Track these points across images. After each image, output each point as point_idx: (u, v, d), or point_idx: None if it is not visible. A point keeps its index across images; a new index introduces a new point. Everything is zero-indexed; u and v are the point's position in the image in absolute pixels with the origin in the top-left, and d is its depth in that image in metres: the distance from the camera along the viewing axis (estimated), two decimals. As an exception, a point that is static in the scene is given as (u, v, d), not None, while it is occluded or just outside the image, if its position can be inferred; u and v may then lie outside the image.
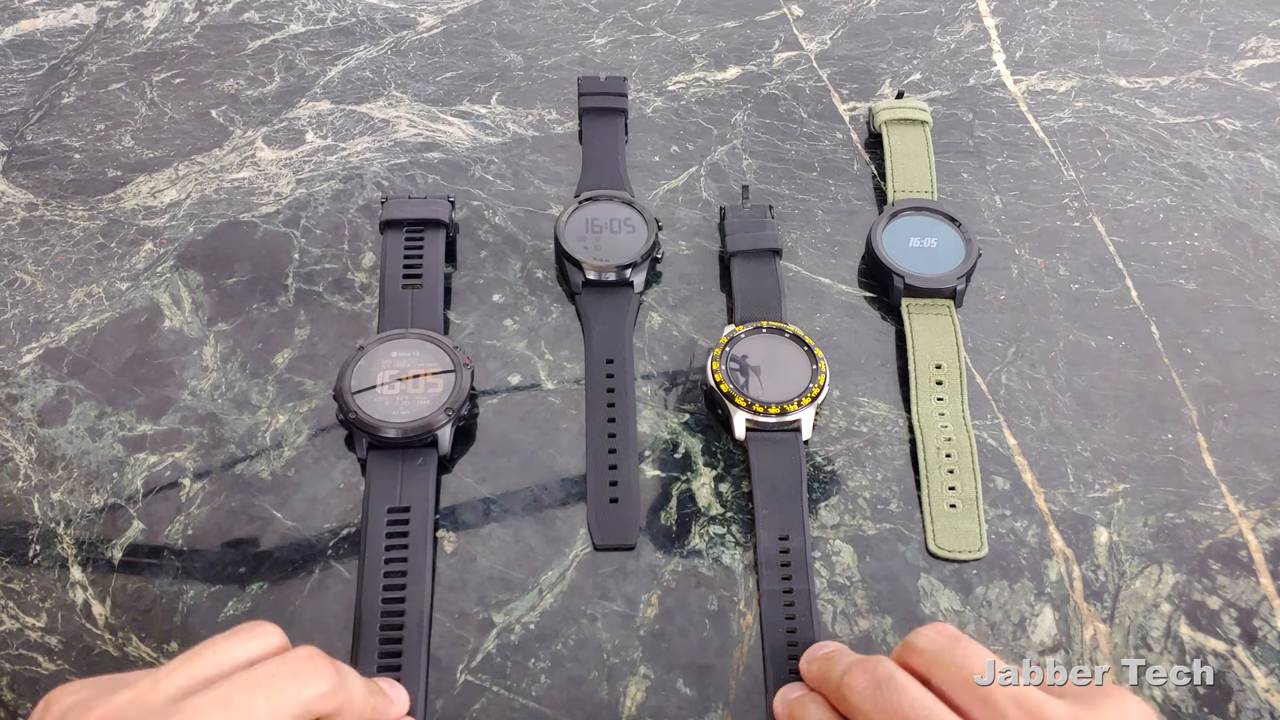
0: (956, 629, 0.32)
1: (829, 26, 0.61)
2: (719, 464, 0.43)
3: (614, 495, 0.41)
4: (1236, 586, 0.39)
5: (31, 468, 0.42)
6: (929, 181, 0.51)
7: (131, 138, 0.54)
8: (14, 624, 0.38)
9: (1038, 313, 0.48)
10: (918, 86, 0.58)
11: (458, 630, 0.38)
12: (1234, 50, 0.60)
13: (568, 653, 0.38)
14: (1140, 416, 0.44)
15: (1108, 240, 0.51)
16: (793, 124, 0.55)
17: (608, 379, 0.44)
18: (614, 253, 0.46)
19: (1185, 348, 0.47)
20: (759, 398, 0.42)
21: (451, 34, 0.60)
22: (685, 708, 0.36)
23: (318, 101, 0.56)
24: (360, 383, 0.41)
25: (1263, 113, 0.56)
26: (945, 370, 0.45)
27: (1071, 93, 0.58)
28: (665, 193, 0.52)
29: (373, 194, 0.51)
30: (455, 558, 0.40)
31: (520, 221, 0.50)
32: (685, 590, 0.39)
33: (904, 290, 0.46)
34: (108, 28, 0.60)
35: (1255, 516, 0.41)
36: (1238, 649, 0.38)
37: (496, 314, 0.47)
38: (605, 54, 0.59)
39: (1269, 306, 0.48)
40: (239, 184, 0.52)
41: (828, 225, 0.51)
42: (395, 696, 0.35)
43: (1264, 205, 0.52)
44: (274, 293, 0.47)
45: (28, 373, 0.45)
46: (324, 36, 0.60)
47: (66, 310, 0.47)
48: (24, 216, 0.51)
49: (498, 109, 0.56)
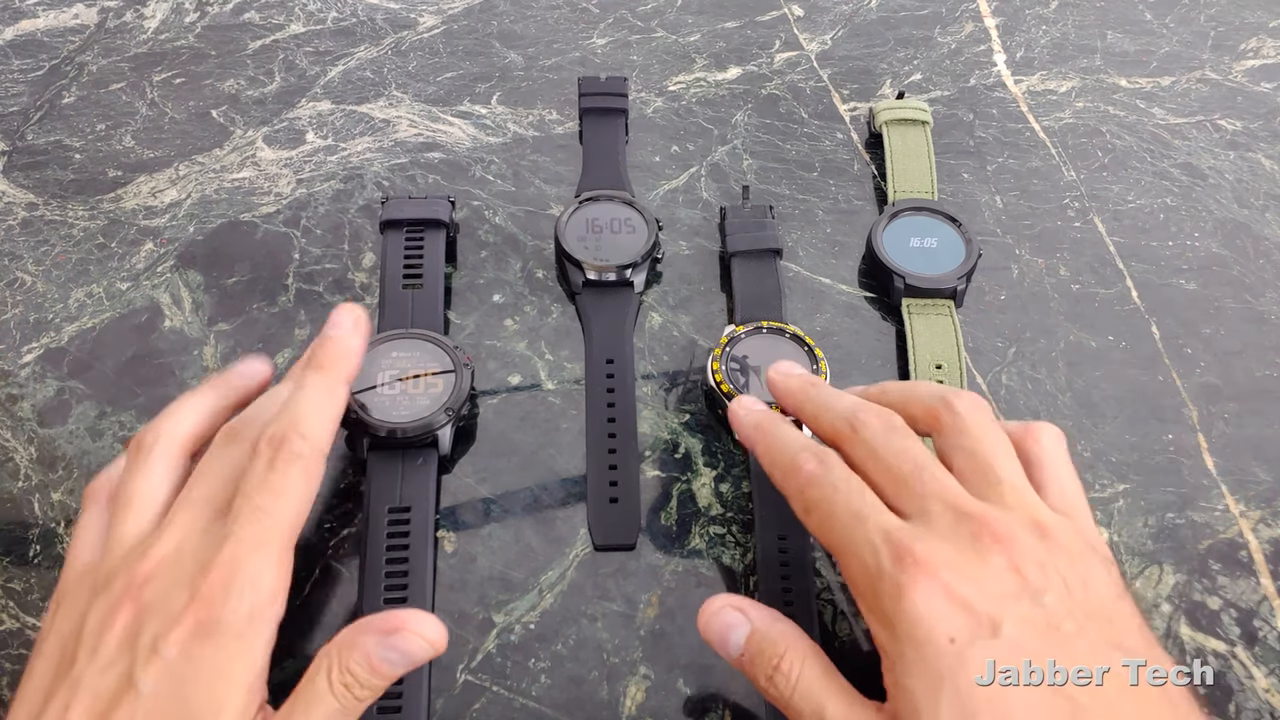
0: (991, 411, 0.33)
1: (829, 27, 0.61)
2: (719, 464, 0.43)
3: (614, 495, 0.41)
4: (1237, 587, 0.39)
5: (32, 467, 0.42)
6: (929, 182, 0.51)
7: (132, 138, 0.54)
8: (14, 623, 0.38)
9: (1038, 313, 0.48)
10: (918, 87, 0.58)
11: (458, 630, 0.38)
12: (1235, 50, 0.60)
13: (568, 653, 0.38)
14: (1140, 417, 0.44)
15: (1108, 240, 0.51)
16: (793, 124, 0.55)
17: (608, 379, 0.44)
18: (614, 253, 0.46)
19: (1186, 348, 0.47)
20: (759, 398, 0.42)
21: (452, 34, 0.60)
22: (685, 708, 0.36)
23: (318, 102, 0.56)
24: (360, 383, 0.41)
25: (1263, 113, 0.56)
26: (946, 370, 0.45)
27: (1072, 93, 0.58)
28: (665, 193, 0.52)
29: (373, 194, 0.51)
30: (455, 558, 0.40)
31: (520, 221, 0.51)
32: (685, 590, 0.39)
33: (904, 290, 0.46)
34: (108, 28, 0.60)
35: (1256, 517, 0.41)
36: (1238, 649, 0.38)
37: (497, 314, 0.47)
38: (606, 54, 0.59)
39: (1269, 307, 0.48)
40: (239, 184, 0.52)
41: (828, 225, 0.51)
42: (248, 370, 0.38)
43: (1264, 205, 0.52)
44: (274, 293, 0.47)
45: (28, 372, 0.45)
46: (324, 37, 0.60)
47: (67, 310, 0.47)
48: (24, 216, 0.51)
49: (498, 109, 0.56)
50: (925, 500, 0.30)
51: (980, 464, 0.32)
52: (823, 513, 0.31)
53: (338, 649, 0.30)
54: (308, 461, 0.32)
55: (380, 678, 0.30)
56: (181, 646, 0.28)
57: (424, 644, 0.30)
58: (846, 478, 0.32)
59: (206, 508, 0.31)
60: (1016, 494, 0.31)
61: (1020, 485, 0.31)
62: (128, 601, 0.29)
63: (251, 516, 0.30)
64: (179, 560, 0.30)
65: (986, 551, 0.28)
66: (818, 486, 0.32)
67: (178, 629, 0.28)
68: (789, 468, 0.33)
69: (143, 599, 0.29)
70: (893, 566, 0.28)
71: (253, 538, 0.30)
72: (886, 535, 0.29)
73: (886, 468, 0.32)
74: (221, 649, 0.28)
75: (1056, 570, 0.28)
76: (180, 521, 0.31)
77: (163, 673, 0.28)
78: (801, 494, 0.32)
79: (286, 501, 0.31)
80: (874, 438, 0.33)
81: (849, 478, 0.32)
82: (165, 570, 0.30)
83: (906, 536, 0.29)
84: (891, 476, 0.31)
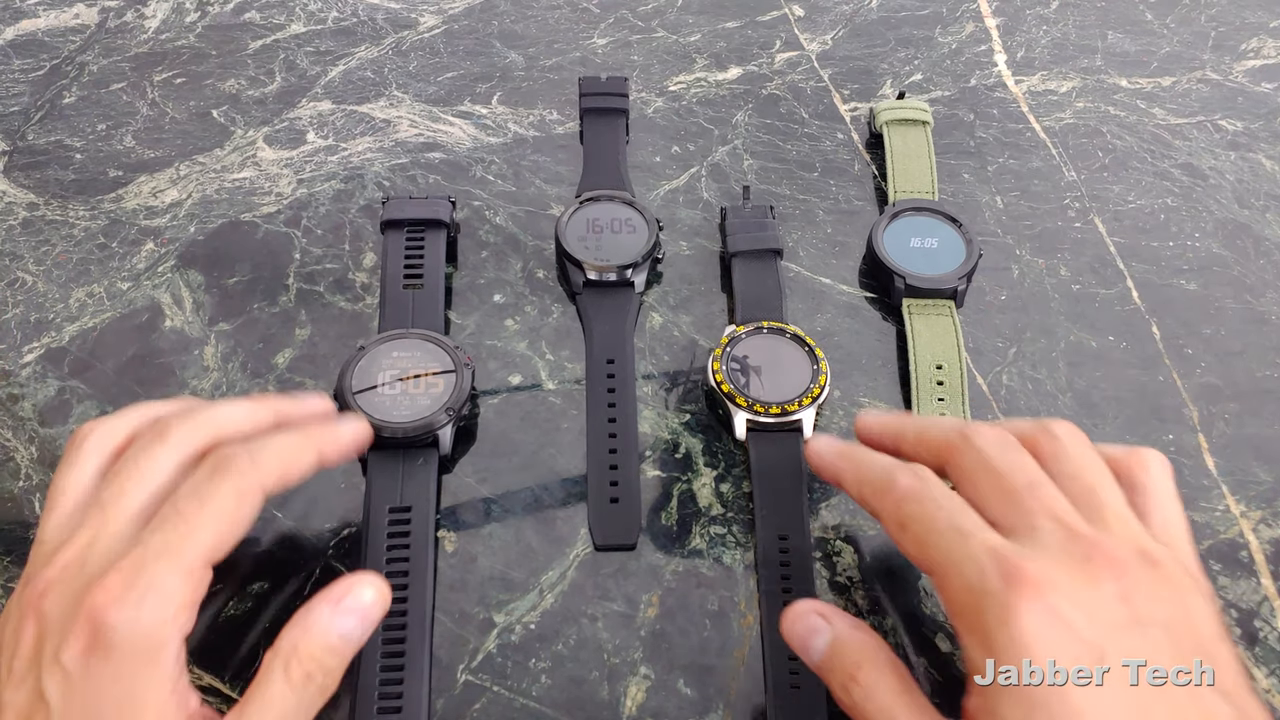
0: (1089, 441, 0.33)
1: (830, 27, 0.61)
2: (720, 464, 0.43)
3: (614, 495, 0.41)
4: (1237, 587, 0.39)
5: (32, 467, 0.42)
6: (930, 182, 0.51)
7: (133, 138, 0.54)
8: (15, 623, 0.38)
9: (1039, 313, 0.48)
10: (919, 87, 0.58)
11: (458, 630, 0.38)
12: (1235, 51, 0.60)
13: (568, 653, 0.38)
14: (1141, 417, 0.44)
15: (1109, 241, 0.51)
16: (794, 124, 0.55)
17: (608, 379, 0.44)
18: (615, 253, 0.46)
19: (1186, 348, 0.47)
20: (760, 398, 0.42)
21: (452, 34, 0.60)
22: (686, 708, 0.36)
23: (319, 101, 0.56)
24: (361, 383, 0.41)
25: (1264, 113, 0.56)
26: (946, 371, 0.45)
27: (1073, 93, 0.58)
28: (666, 193, 0.52)
29: (374, 194, 0.51)
30: (456, 558, 0.40)
31: (521, 222, 0.51)
32: (686, 590, 0.39)
33: (905, 291, 0.46)
34: (109, 28, 0.60)
35: (1256, 517, 0.41)
36: (1239, 650, 0.38)
37: (497, 314, 0.47)
38: (606, 54, 0.59)
39: (1270, 307, 0.48)
40: (240, 184, 0.52)
41: (828, 225, 0.51)
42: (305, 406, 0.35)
43: (1265, 206, 0.52)
44: (275, 293, 0.48)
45: (29, 372, 0.45)
46: (325, 37, 0.60)
47: (67, 310, 0.47)
48: (25, 216, 0.51)
49: (499, 109, 0.56)
50: (1035, 516, 0.29)
51: (1084, 488, 0.30)
52: (922, 527, 0.30)
53: (290, 642, 0.29)
54: (247, 487, 0.30)
55: (339, 656, 0.30)
56: (79, 660, 0.27)
57: (374, 594, 0.31)
58: (947, 493, 0.31)
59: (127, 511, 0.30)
60: (1121, 521, 0.30)
61: (1124, 513, 0.30)
62: (31, 612, 0.28)
63: (171, 523, 0.29)
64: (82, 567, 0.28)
65: (1098, 576, 0.27)
66: (916, 501, 0.31)
67: (72, 641, 0.27)
68: (882, 485, 0.32)
69: (42, 609, 0.28)
70: (1001, 585, 0.27)
71: (162, 545, 0.28)
72: (993, 552, 0.28)
73: (999, 480, 0.30)
74: (121, 663, 0.27)
75: (1163, 603, 0.27)
76: (92, 524, 0.30)
77: (67, 686, 0.27)
78: (898, 509, 0.31)
79: (212, 516, 0.29)
80: (988, 446, 0.31)
81: (949, 494, 0.31)
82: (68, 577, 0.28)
83: (1015, 555, 0.27)
84: (1003, 489, 0.30)
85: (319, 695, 0.29)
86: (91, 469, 0.32)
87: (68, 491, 0.31)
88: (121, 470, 0.31)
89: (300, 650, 0.29)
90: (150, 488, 0.30)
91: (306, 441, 0.33)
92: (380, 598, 0.31)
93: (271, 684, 0.28)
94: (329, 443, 0.34)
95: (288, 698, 0.28)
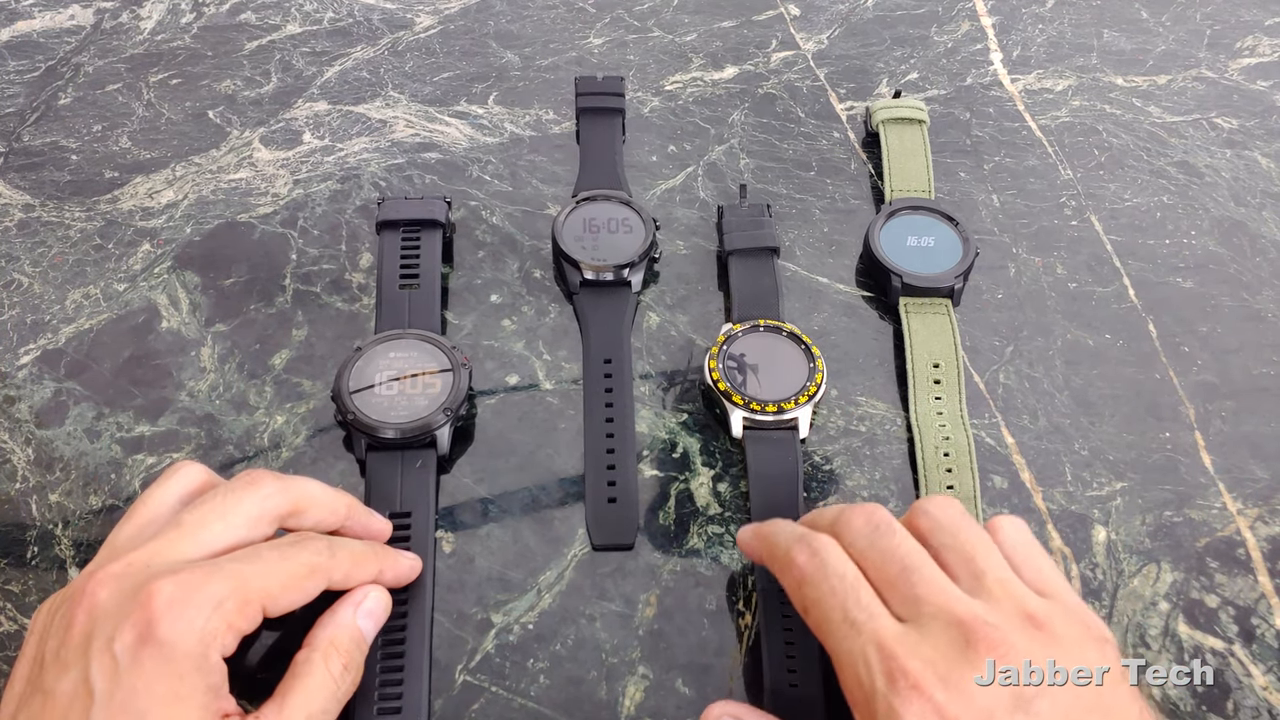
0: (963, 508, 0.33)
1: (826, 26, 0.61)
2: (717, 463, 0.43)
3: (612, 495, 0.41)
4: (1234, 585, 0.40)
5: (29, 469, 0.42)
6: (926, 181, 0.51)
7: (128, 139, 0.54)
8: (12, 625, 0.38)
9: (1035, 311, 0.48)
10: (915, 86, 0.58)
11: (456, 630, 0.38)
12: (1231, 49, 0.60)
13: (566, 653, 0.38)
14: (1138, 415, 0.44)
15: (1105, 239, 0.51)
16: (790, 123, 0.56)
17: (606, 379, 0.44)
18: (612, 252, 0.46)
19: (1183, 346, 0.47)
20: (756, 396, 0.42)
21: (448, 34, 0.60)
22: (684, 708, 0.36)
23: (315, 102, 0.56)
24: (358, 383, 0.41)
25: (1259, 111, 0.56)
26: (943, 369, 0.45)
27: (1068, 91, 0.58)
28: (663, 192, 0.52)
29: (370, 194, 0.51)
30: (454, 558, 0.40)
31: (518, 221, 0.50)
32: (684, 590, 0.39)
33: (901, 289, 0.46)
34: (104, 29, 0.60)
35: (1253, 514, 0.41)
36: (1236, 647, 0.38)
37: (494, 314, 0.47)
38: (602, 54, 0.59)
39: (1266, 305, 0.48)
40: (236, 185, 0.52)
41: (825, 224, 0.51)
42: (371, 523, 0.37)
43: (1261, 204, 0.52)
44: (271, 293, 0.47)
45: (25, 374, 0.45)
46: (321, 37, 0.60)
47: (64, 311, 0.47)
48: (21, 218, 0.51)
49: (495, 109, 0.56)
50: (918, 604, 0.30)
51: (963, 558, 0.31)
52: (820, 614, 0.31)
53: (327, 637, 0.31)
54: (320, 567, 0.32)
55: (364, 652, 0.33)
56: (130, 650, 0.27)
57: (384, 599, 0.34)
58: (841, 574, 0.31)
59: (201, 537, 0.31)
60: (1002, 585, 0.30)
61: (1004, 575, 0.31)
62: (84, 601, 0.29)
63: (249, 559, 0.30)
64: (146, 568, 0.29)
65: (980, 660, 0.28)
66: (812, 585, 0.31)
67: (126, 630, 0.28)
68: (784, 564, 0.33)
69: (98, 598, 0.29)
70: (886, 686, 0.28)
71: (234, 570, 0.30)
72: (880, 648, 0.29)
73: (875, 570, 0.31)
74: (170, 660, 0.27)
75: (1051, 670, 0.28)
76: (166, 538, 0.31)
77: (115, 675, 0.27)
78: (799, 591, 0.32)
79: (286, 572, 0.31)
80: (858, 539, 0.32)
81: (844, 574, 0.31)
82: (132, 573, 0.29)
83: (901, 651, 0.28)
84: (882, 579, 0.31)
85: (352, 686, 0.32)
86: (177, 493, 0.33)
87: (151, 506, 0.33)
88: (207, 500, 0.32)
89: (338, 644, 0.32)
90: (227, 524, 0.32)
91: (375, 557, 0.35)
92: (388, 602, 0.35)
93: (313, 674, 0.31)
94: (391, 566, 0.36)
95: (328, 685, 0.31)
